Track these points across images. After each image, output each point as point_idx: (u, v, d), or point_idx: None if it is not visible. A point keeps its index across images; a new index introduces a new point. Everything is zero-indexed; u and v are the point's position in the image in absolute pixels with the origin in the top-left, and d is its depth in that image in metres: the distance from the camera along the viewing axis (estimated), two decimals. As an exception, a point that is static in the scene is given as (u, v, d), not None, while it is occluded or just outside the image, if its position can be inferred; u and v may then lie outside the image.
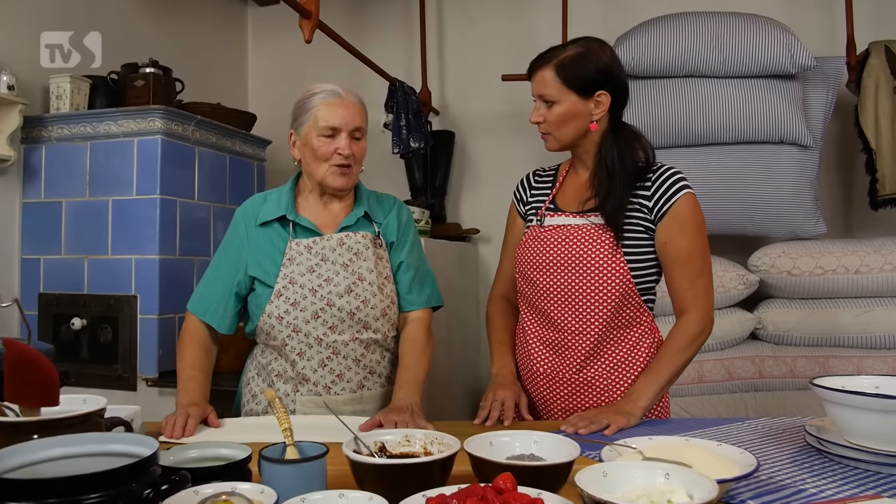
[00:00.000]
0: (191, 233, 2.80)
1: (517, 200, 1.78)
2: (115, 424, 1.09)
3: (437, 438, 1.08)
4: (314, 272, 1.65)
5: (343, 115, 1.64)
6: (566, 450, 1.03)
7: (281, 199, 1.73)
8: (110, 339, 2.66)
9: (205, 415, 1.50)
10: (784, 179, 2.81)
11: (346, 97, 1.66)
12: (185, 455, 1.03)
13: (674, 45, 2.84)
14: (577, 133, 1.59)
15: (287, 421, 1.07)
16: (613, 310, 1.55)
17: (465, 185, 3.86)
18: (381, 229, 1.76)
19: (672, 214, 1.55)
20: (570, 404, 1.61)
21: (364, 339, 1.66)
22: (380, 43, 3.79)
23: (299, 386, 1.65)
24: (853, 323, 2.72)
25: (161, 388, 2.62)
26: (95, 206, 2.70)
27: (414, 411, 1.48)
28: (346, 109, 1.64)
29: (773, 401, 2.73)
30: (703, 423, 1.50)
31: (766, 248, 2.84)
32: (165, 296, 2.65)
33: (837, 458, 1.20)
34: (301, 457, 1.02)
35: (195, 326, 1.71)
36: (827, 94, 2.88)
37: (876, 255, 2.73)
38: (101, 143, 2.71)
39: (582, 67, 1.54)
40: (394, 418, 1.42)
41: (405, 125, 3.27)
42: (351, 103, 1.66)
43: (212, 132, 2.95)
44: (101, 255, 2.69)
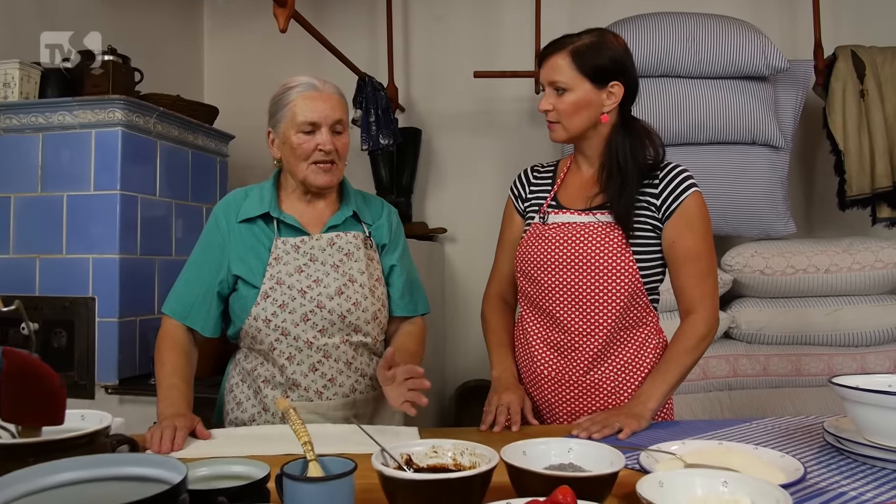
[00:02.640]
0: (152, 231, 2.65)
1: (515, 197, 1.72)
2: (120, 443, 0.98)
3: (469, 449, 1.01)
4: (302, 272, 1.56)
5: (322, 109, 1.54)
6: (608, 458, 0.98)
7: (263, 196, 1.63)
8: (65, 343, 2.49)
9: (192, 426, 1.39)
10: (756, 179, 2.84)
11: (323, 89, 1.57)
12: (195, 474, 0.93)
13: (649, 45, 2.83)
14: (588, 124, 1.54)
15: (306, 434, 0.98)
16: (622, 310, 1.51)
17: (432, 184, 3.79)
18: (372, 231, 1.68)
19: (680, 213, 1.51)
20: (576, 408, 1.56)
21: (354, 342, 1.58)
22: (344, 38, 3.67)
23: (289, 391, 1.56)
24: (823, 321, 2.77)
25: (122, 395, 2.47)
26: (48, 201, 2.52)
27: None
28: (325, 102, 1.55)
29: (747, 399, 2.75)
30: (712, 424, 1.47)
31: (738, 248, 2.86)
32: (126, 297, 2.49)
33: (861, 459, 1.18)
34: (326, 473, 0.94)
35: (174, 331, 1.59)
36: (796, 97, 2.93)
37: (844, 254, 2.78)
38: (55, 135, 2.53)
39: (598, 55, 1.50)
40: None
41: (374, 121, 3.19)
42: (330, 95, 1.57)
43: (174, 125, 2.80)
44: (54, 254, 2.52)
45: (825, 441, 1.28)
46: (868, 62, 2.87)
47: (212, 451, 1.30)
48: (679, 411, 2.73)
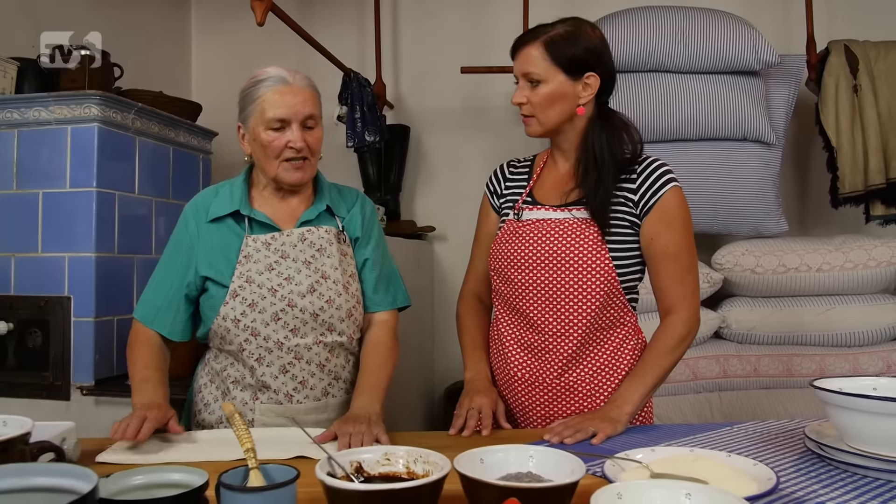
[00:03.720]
0: (131, 229, 2.60)
1: (490, 193, 1.67)
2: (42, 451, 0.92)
3: (422, 456, 0.96)
4: (273, 270, 1.50)
5: (292, 104, 1.48)
6: (569, 466, 0.92)
7: (234, 193, 1.57)
8: (40, 344, 2.44)
9: (165, 419, 1.33)
10: (747, 177, 2.79)
11: (294, 82, 1.50)
12: (129, 482, 0.88)
13: (638, 40, 2.78)
14: (563, 117, 1.48)
15: (249, 440, 0.93)
16: (598, 310, 1.46)
17: (421, 182, 3.74)
18: (345, 224, 1.62)
19: (659, 209, 1.46)
20: (550, 411, 1.51)
21: (328, 342, 1.53)
22: (332, 34, 3.63)
23: (259, 394, 1.51)
24: (815, 321, 2.71)
25: (98, 396, 2.41)
26: (24, 199, 2.47)
27: (372, 421, 1.34)
28: (295, 96, 1.49)
29: (737, 401, 2.69)
30: (692, 429, 1.42)
31: (729, 246, 2.80)
32: (102, 297, 2.44)
33: (843, 466, 1.12)
34: (268, 483, 0.88)
35: (145, 332, 1.55)
36: (788, 92, 2.87)
37: (837, 252, 2.72)
38: (31, 132, 2.48)
39: (573, 46, 1.45)
40: (349, 430, 1.28)
41: (360, 118, 3.13)
42: (300, 89, 1.51)
43: (154, 121, 2.75)
44: (30, 252, 2.47)
45: (805, 447, 1.23)
46: (861, 57, 2.82)
47: (165, 457, 1.25)
48: (668, 413, 2.68)
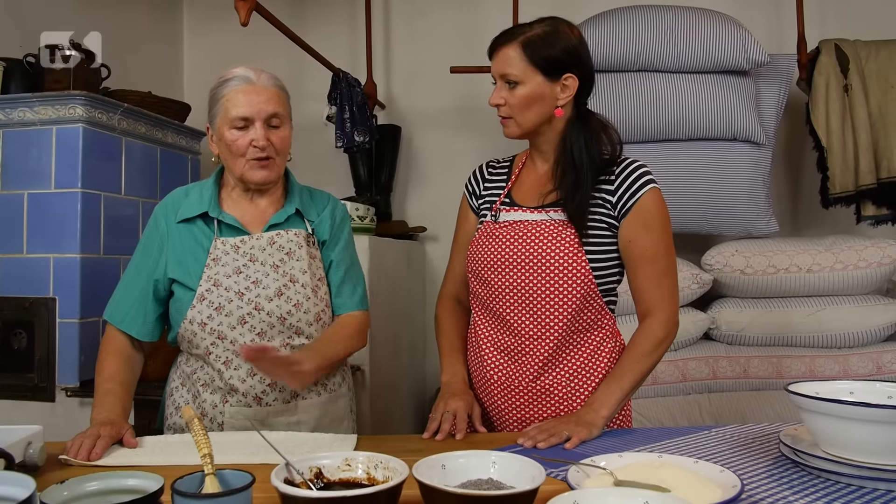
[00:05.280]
0: (117, 230, 2.59)
1: (469, 194, 1.66)
2: (-8, 457, 0.91)
3: (382, 462, 0.95)
4: (241, 273, 1.49)
5: (255, 102, 1.47)
6: (529, 473, 0.91)
7: (203, 195, 1.56)
8: (25, 345, 2.43)
9: (119, 435, 1.33)
10: (737, 177, 2.77)
11: (258, 82, 1.49)
12: (82, 489, 0.87)
13: (626, 39, 2.76)
14: (541, 118, 1.47)
15: (207, 445, 0.92)
16: (574, 313, 1.44)
17: (412, 182, 3.73)
18: (315, 227, 1.61)
19: (637, 211, 1.44)
20: (526, 414, 1.49)
21: (296, 345, 1.51)
22: (323, 33, 3.62)
23: (228, 396, 1.49)
24: (805, 322, 2.69)
25: (82, 398, 2.41)
26: (9, 199, 2.46)
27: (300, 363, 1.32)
28: (258, 95, 1.47)
29: (727, 402, 2.68)
30: (668, 432, 1.40)
31: (719, 247, 2.79)
32: (87, 298, 2.43)
33: (816, 472, 1.11)
34: (223, 489, 0.87)
35: (115, 336, 1.54)
36: (779, 92, 2.85)
37: (827, 253, 2.70)
38: (16, 132, 2.47)
39: (550, 46, 1.43)
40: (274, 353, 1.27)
41: (349, 118, 3.12)
42: (263, 88, 1.49)
43: (141, 122, 2.74)
44: (14, 253, 2.46)
45: (780, 453, 1.21)
46: (852, 56, 2.80)
47: (133, 459, 1.25)
48: (657, 415, 2.66)
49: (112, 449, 1.30)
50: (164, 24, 3.79)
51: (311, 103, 3.35)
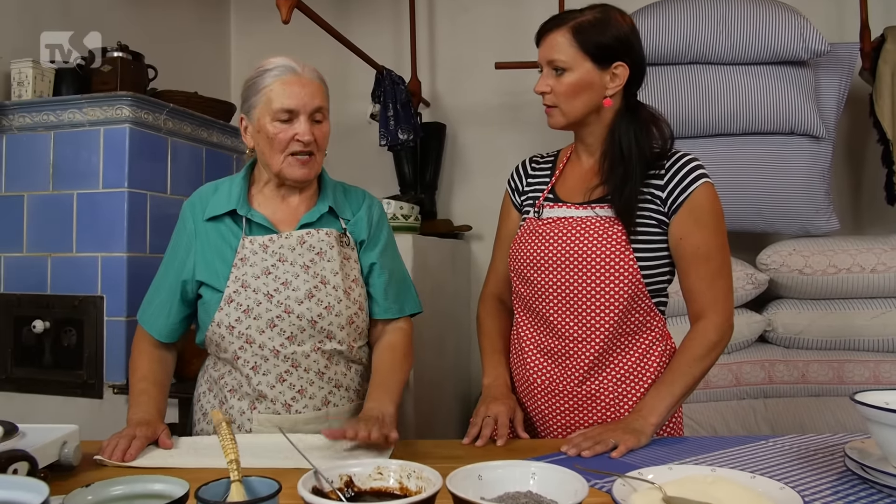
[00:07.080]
0: (162, 229, 2.60)
1: (511, 190, 1.60)
2: (14, 460, 0.90)
3: (416, 471, 0.90)
4: (270, 274, 1.44)
5: (301, 95, 1.41)
6: (571, 486, 0.85)
7: (232, 191, 1.51)
8: (75, 342, 2.47)
9: (155, 435, 1.32)
10: (795, 172, 2.64)
11: (303, 73, 1.44)
12: (107, 493, 0.85)
13: (679, 30, 2.66)
14: (588, 108, 1.40)
15: (234, 451, 0.89)
16: (621, 314, 1.37)
17: (457, 180, 3.68)
18: (350, 226, 1.55)
19: (688, 207, 1.37)
20: (571, 420, 1.43)
21: (327, 349, 1.46)
22: (367, 31, 3.61)
23: (256, 403, 1.45)
24: (869, 325, 2.56)
25: (128, 395, 2.43)
26: (59, 199, 2.51)
27: (386, 422, 1.29)
28: (303, 88, 1.42)
29: (784, 408, 2.56)
30: (722, 441, 1.32)
31: (775, 246, 2.67)
32: (134, 297, 2.45)
33: (887, 490, 1.02)
34: (249, 497, 0.84)
35: (143, 336, 1.53)
36: (840, 83, 2.71)
37: (893, 252, 2.56)
38: (66, 133, 2.52)
39: (601, 33, 1.36)
40: (359, 428, 1.22)
41: (393, 116, 3.09)
42: (309, 80, 1.44)
43: (186, 122, 2.76)
44: (65, 252, 2.50)
45: (846, 467, 1.13)
46: (920, 44, 2.64)
47: (167, 461, 1.23)
48: (710, 420, 2.56)
49: (147, 449, 1.29)
50: (211, 24, 3.83)
51: (356, 102, 3.34)
